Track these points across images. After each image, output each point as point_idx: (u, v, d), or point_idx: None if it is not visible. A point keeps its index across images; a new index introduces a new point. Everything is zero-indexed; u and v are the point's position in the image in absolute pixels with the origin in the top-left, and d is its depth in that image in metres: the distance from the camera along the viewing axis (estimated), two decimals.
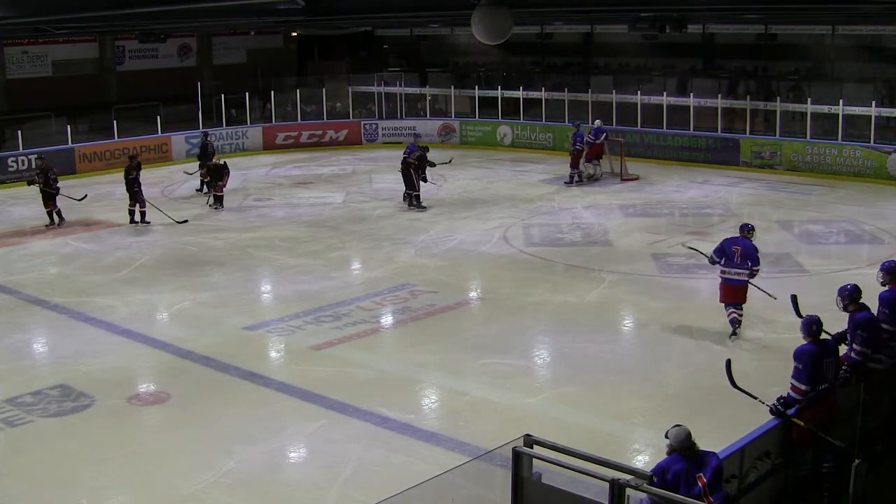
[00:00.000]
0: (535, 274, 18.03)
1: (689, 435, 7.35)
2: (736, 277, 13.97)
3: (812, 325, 9.11)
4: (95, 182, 28.06)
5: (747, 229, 14.15)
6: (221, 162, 24.79)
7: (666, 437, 7.47)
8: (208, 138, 27.73)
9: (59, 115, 30.86)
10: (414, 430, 11.52)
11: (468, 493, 9.93)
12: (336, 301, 16.54)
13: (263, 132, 34.10)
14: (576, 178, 26.67)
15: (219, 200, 24.45)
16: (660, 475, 7.23)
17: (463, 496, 9.98)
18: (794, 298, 11.16)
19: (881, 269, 10.54)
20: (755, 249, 14.02)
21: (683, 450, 7.32)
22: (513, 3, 11.71)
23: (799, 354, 8.96)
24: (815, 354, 8.93)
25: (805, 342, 9.08)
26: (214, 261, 19.46)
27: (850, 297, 9.99)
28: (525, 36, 36.08)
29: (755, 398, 9.47)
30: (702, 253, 15.04)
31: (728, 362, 9.78)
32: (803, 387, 8.83)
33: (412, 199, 23.97)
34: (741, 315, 14.20)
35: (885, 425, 9.75)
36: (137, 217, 22.73)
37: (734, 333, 14.19)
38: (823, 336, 9.23)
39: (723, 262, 14.05)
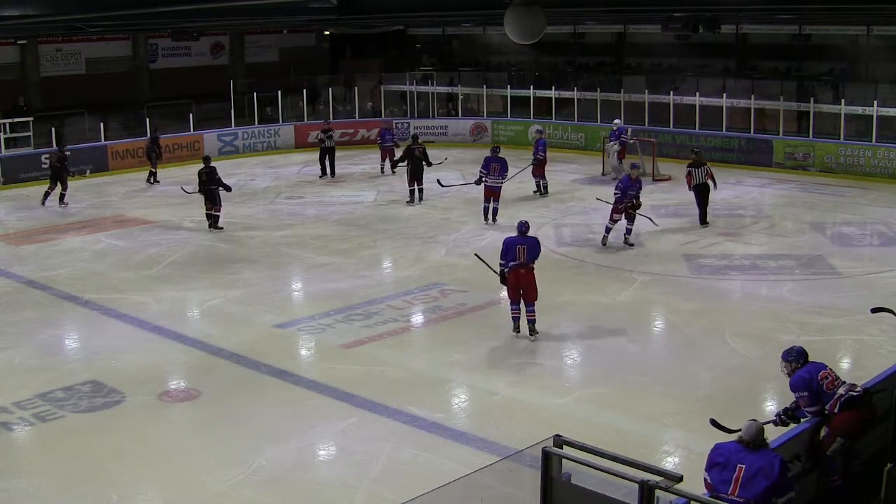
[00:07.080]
0: (566, 274, 17.98)
1: (759, 431, 7.54)
2: None
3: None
4: (127, 179, 28.31)
5: None
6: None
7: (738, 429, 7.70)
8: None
9: (92, 113, 31.08)
10: (443, 430, 11.51)
11: (497, 493, 9.91)
12: (366, 300, 16.55)
13: (295, 130, 34.16)
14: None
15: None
16: (714, 452, 7.61)
17: (492, 496, 9.96)
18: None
19: None
20: None
21: (746, 443, 7.52)
22: (545, 3, 11.68)
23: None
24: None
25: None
26: (245, 258, 19.53)
27: None
28: (557, 35, 35.99)
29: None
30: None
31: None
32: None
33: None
34: None
35: None
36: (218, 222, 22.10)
37: None
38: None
39: None
